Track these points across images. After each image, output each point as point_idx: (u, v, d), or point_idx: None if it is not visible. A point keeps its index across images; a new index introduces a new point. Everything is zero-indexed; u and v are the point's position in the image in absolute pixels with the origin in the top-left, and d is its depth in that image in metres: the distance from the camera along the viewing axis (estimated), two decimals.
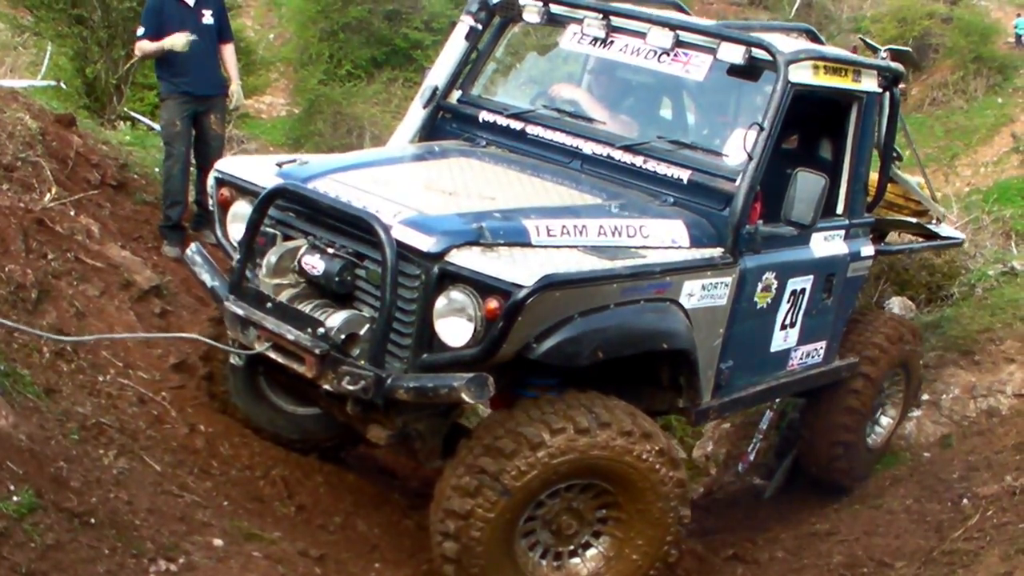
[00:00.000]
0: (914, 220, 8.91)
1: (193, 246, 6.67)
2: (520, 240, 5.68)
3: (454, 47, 7.63)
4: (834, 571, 6.95)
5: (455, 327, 5.41)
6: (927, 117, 45.32)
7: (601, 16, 7.13)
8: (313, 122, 28.64)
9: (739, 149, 6.47)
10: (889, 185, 8.24)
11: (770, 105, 6.48)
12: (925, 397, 8.97)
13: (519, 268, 5.34)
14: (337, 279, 5.66)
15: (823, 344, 7.79)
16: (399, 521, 6.91)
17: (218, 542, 5.46)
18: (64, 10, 16.83)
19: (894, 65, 7.82)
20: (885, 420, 8.79)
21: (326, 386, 5.58)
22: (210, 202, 6.61)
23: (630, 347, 5.94)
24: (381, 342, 5.53)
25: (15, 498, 4.58)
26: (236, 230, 6.27)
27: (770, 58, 6.56)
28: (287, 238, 6.01)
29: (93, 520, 4.92)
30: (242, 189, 6.34)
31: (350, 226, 5.72)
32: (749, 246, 6.52)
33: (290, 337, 5.61)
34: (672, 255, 6.16)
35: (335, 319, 5.57)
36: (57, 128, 8.95)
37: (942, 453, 8.44)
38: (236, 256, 6.10)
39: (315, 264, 5.72)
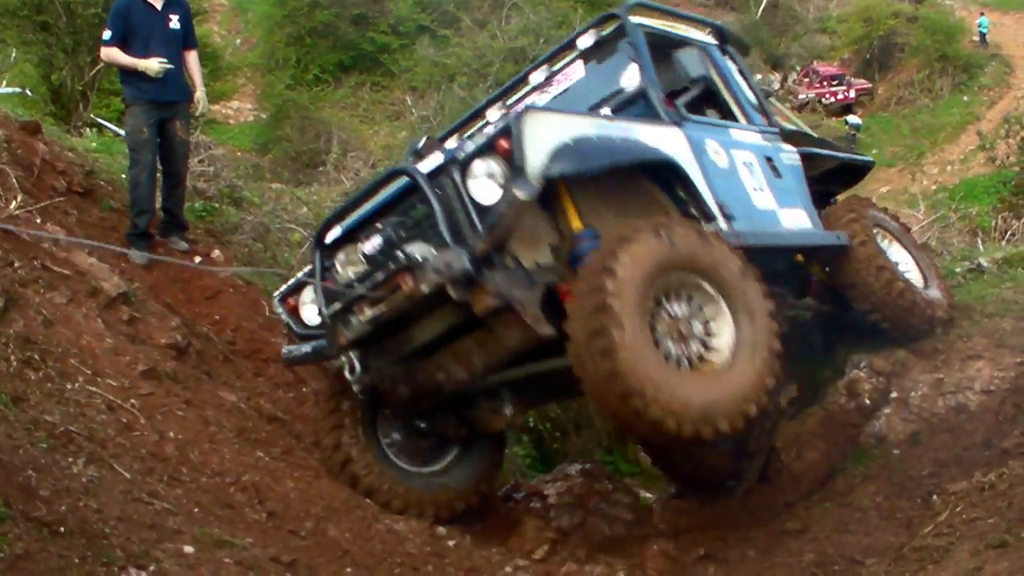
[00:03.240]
0: (843, 155, 10.33)
1: None
2: None
3: None
4: (805, 569, 6.96)
5: (486, 188, 6.39)
6: (893, 116, 45.65)
7: (500, 108, 8.84)
8: (280, 127, 28.65)
9: (632, 79, 7.94)
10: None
11: (636, 45, 7.99)
12: (894, 395, 9.00)
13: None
14: (393, 235, 6.74)
15: (802, 211, 8.78)
16: (370, 526, 6.90)
17: (189, 549, 5.44)
18: (28, 17, 16.79)
19: (717, 22, 9.66)
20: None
21: (424, 287, 6.42)
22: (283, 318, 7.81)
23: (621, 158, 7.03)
24: (451, 228, 6.46)
25: None
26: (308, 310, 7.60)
27: (615, 22, 8.22)
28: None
29: (63, 529, 4.89)
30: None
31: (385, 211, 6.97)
32: (678, 120, 7.74)
33: (381, 277, 6.67)
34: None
35: (405, 248, 6.61)
36: (22, 135, 8.91)
37: (911, 450, 8.45)
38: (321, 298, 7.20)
39: (372, 243, 6.89)
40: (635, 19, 8.24)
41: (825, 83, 47.62)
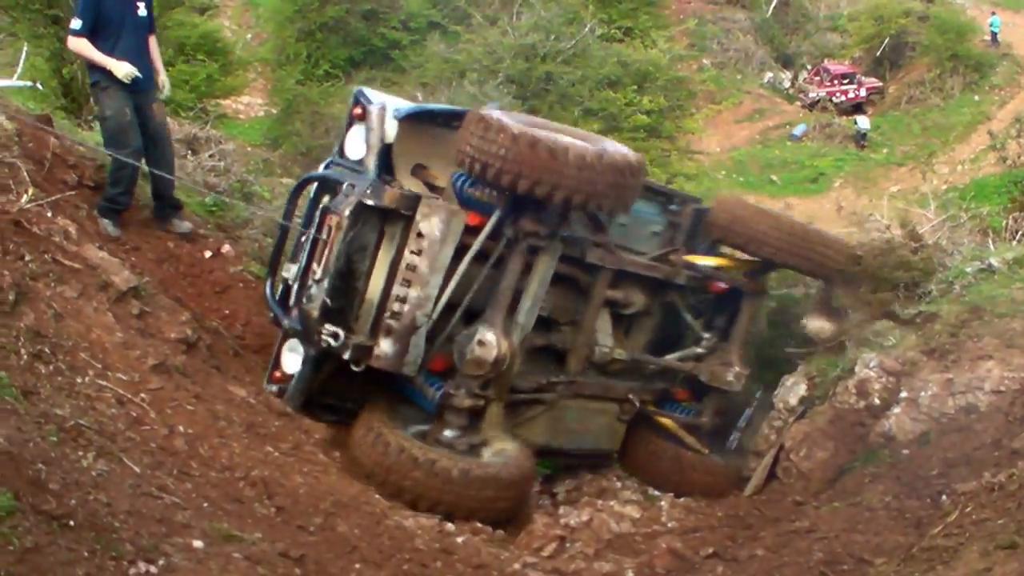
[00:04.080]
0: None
1: None
2: None
3: None
4: (814, 568, 6.95)
5: (359, 146, 8.82)
6: (904, 115, 45.49)
7: None
8: (291, 122, 28.58)
9: None
10: None
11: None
12: (904, 394, 9.00)
13: None
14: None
15: None
16: (379, 521, 6.91)
17: (198, 543, 5.45)
18: (40, 10, 16.79)
19: None
20: None
21: (346, 212, 8.15)
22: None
23: None
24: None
25: None
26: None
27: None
28: None
29: (72, 522, 4.90)
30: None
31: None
32: None
33: (313, 230, 8.51)
34: None
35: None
36: (34, 129, 8.90)
37: (921, 450, 8.45)
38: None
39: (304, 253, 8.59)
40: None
41: (836, 82, 47.53)
